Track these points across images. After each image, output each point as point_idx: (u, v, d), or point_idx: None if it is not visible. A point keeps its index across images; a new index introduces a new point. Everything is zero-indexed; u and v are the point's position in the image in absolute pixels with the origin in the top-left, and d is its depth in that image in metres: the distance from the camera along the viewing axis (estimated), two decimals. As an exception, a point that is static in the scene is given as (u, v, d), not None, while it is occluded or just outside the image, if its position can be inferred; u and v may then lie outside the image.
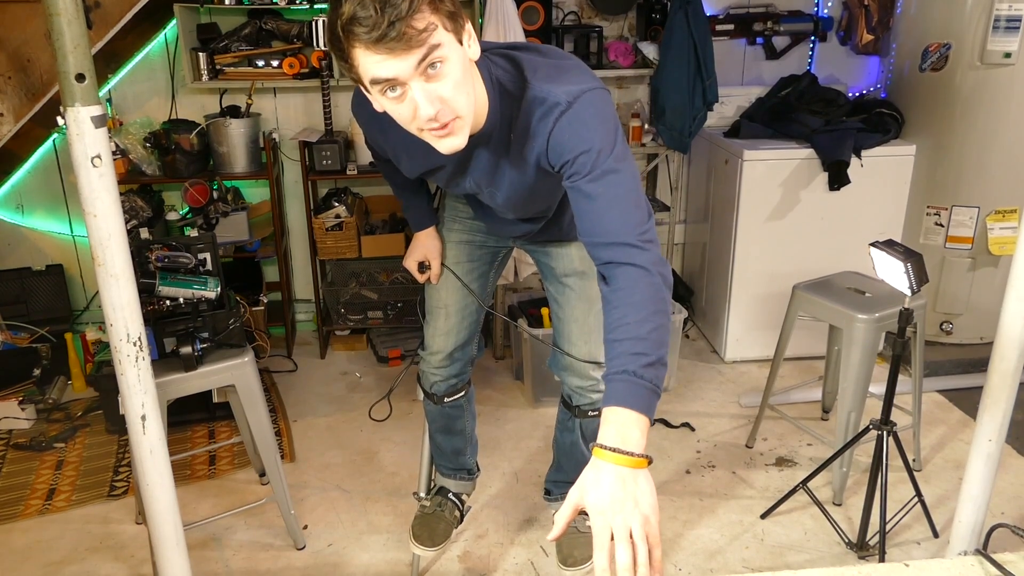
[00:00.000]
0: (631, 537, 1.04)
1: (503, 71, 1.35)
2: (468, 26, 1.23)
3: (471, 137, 1.31)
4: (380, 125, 1.48)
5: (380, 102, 1.23)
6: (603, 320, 1.24)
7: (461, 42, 1.20)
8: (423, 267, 1.92)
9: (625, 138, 1.36)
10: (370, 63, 1.14)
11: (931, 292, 3.29)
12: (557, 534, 1.09)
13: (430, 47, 1.13)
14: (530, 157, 1.38)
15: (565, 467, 2.07)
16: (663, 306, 1.20)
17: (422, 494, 2.19)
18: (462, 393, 2.02)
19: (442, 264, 1.89)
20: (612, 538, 1.04)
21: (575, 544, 2.02)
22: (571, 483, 2.02)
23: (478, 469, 2.23)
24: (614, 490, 1.07)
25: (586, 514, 1.18)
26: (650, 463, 1.10)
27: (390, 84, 1.16)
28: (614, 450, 1.09)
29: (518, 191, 1.49)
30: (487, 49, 1.37)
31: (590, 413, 1.90)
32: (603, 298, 1.25)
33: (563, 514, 1.08)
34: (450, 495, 2.17)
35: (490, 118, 1.36)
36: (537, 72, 1.34)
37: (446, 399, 2.00)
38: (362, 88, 1.24)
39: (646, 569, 1.01)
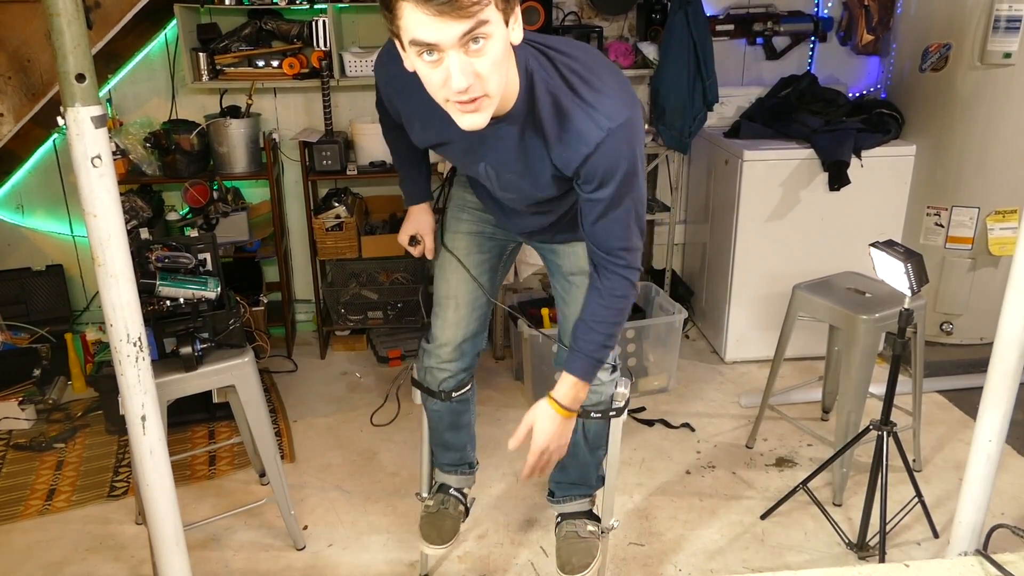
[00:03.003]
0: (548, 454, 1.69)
1: (539, 65, 1.37)
2: (517, 10, 1.25)
3: (493, 119, 1.32)
4: (402, 86, 1.47)
5: (413, 62, 1.23)
6: (582, 302, 1.62)
7: (507, 23, 1.22)
8: (414, 241, 1.91)
9: (644, 160, 1.49)
10: (416, 23, 1.14)
11: (931, 292, 3.29)
12: (516, 444, 1.63)
13: (479, 21, 1.15)
14: (553, 158, 1.43)
15: (568, 467, 2.05)
16: (627, 314, 1.64)
17: (424, 493, 2.18)
18: (469, 386, 2.01)
19: (451, 252, 1.86)
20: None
21: (574, 551, 2.00)
22: (575, 484, 2.07)
23: (477, 462, 2.22)
24: (556, 429, 1.67)
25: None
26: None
27: (429, 48, 1.17)
28: (565, 408, 1.65)
29: (527, 182, 1.52)
30: (527, 39, 1.37)
31: (592, 414, 1.89)
32: (591, 285, 1.60)
33: (520, 432, 1.65)
34: (451, 491, 2.15)
35: (516, 106, 1.37)
36: (574, 78, 1.36)
37: (455, 394, 1.97)
38: (397, 44, 1.25)
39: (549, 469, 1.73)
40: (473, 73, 1.20)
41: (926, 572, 1.06)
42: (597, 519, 2.08)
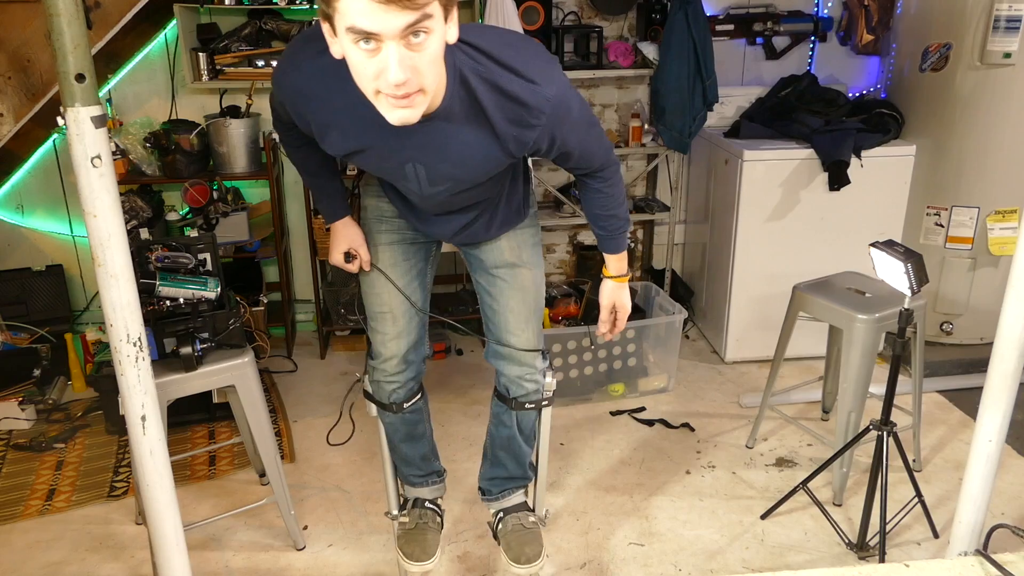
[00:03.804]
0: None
1: (467, 57, 1.37)
2: (455, 10, 1.24)
3: (423, 116, 1.31)
4: (316, 92, 1.42)
5: (345, 49, 1.19)
6: (599, 200, 1.74)
7: (446, 20, 1.21)
8: (349, 257, 1.84)
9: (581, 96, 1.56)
10: (358, 10, 1.11)
11: (931, 292, 3.29)
12: (608, 328, 1.91)
13: (424, 14, 1.13)
14: (502, 141, 1.44)
15: (503, 462, 2.03)
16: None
17: (395, 512, 2.10)
18: (419, 395, 1.97)
19: (376, 267, 1.83)
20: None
21: (524, 541, 1.99)
22: (511, 477, 2.07)
23: (444, 470, 2.16)
24: (624, 295, 1.89)
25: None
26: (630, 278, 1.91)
27: (368, 36, 1.14)
28: (623, 276, 1.87)
29: (465, 170, 1.52)
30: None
31: (527, 405, 1.90)
32: (598, 189, 1.72)
33: (605, 315, 1.89)
34: (427, 504, 2.08)
35: (445, 100, 1.36)
36: (507, 61, 1.37)
37: (406, 404, 1.93)
38: (327, 29, 1.21)
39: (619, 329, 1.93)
40: (411, 67, 1.17)
41: (926, 572, 1.06)
42: (532, 510, 2.09)
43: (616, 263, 1.86)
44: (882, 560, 2.11)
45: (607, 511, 2.47)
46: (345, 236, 1.84)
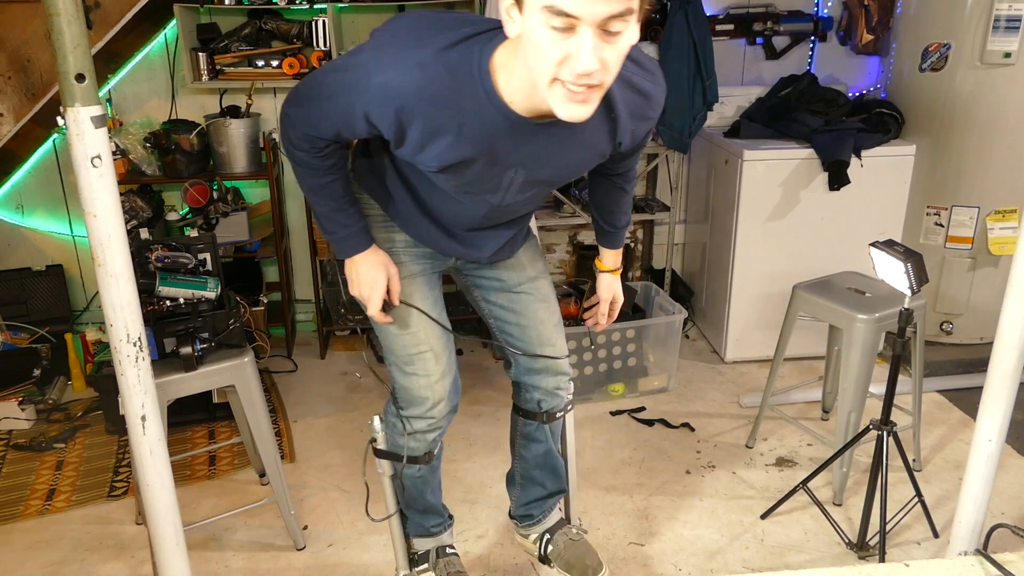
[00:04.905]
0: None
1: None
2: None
3: (547, 118, 1.28)
4: (435, 95, 1.27)
5: (533, 29, 1.12)
6: (620, 199, 1.77)
7: (637, 23, 1.17)
8: (388, 306, 1.62)
9: None
10: None
11: (931, 292, 3.29)
12: (605, 319, 1.93)
13: (628, 8, 1.09)
14: (619, 136, 1.43)
15: (540, 481, 1.98)
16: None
17: (407, 571, 1.95)
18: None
19: (406, 303, 1.65)
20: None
21: (584, 554, 1.94)
22: (550, 495, 2.02)
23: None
24: (619, 287, 1.92)
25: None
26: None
27: (567, 18, 1.08)
28: (617, 270, 1.90)
29: (564, 172, 1.52)
30: None
31: (557, 415, 1.88)
32: (622, 187, 1.74)
33: (605, 307, 1.92)
34: (448, 550, 1.95)
35: None
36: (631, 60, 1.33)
37: (436, 451, 1.79)
38: (507, 6, 1.15)
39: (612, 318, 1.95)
40: (601, 59, 1.11)
41: (926, 572, 1.06)
42: (568, 520, 2.08)
43: (614, 258, 1.91)
44: (882, 560, 2.11)
45: (607, 511, 2.47)
46: (380, 264, 1.60)
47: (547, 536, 2.01)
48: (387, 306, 1.62)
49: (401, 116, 1.30)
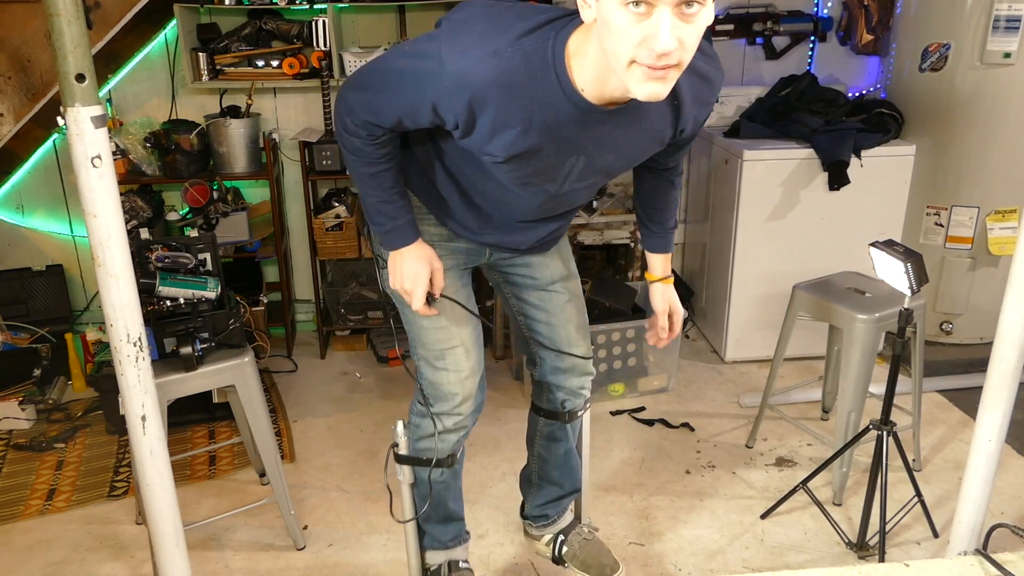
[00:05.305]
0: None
1: None
2: None
3: (622, 102, 1.28)
4: (511, 83, 1.26)
5: (609, 12, 1.12)
6: (670, 195, 1.74)
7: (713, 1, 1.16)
8: (431, 298, 1.60)
9: None
10: None
11: (931, 292, 3.29)
12: (667, 334, 1.81)
13: None
14: (681, 122, 1.42)
15: (558, 481, 1.97)
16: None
17: None
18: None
19: (445, 296, 1.64)
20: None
21: (599, 553, 1.95)
22: (566, 495, 1.99)
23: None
24: (676, 296, 1.81)
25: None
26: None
27: (644, 1, 1.09)
28: (668, 278, 1.80)
29: (625, 159, 1.48)
30: None
31: (578, 413, 1.87)
32: (672, 181, 1.71)
33: (663, 320, 1.79)
34: (462, 564, 1.91)
35: None
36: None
37: (459, 454, 1.77)
38: None
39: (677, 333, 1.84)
40: (679, 39, 1.11)
41: (926, 572, 1.06)
42: (579, 520, 2.07)
43: (664, 264, 1.80)
44: (882, 560, 2.11)
45: (607, 511, 2.47)
46: (425, 258, 1.57)
47: (561, 537, 2.01)
48: (429, 298, 1.61)
49: (473, 105, 1.28)
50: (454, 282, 1.66)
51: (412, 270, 1.57)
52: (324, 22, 3.13)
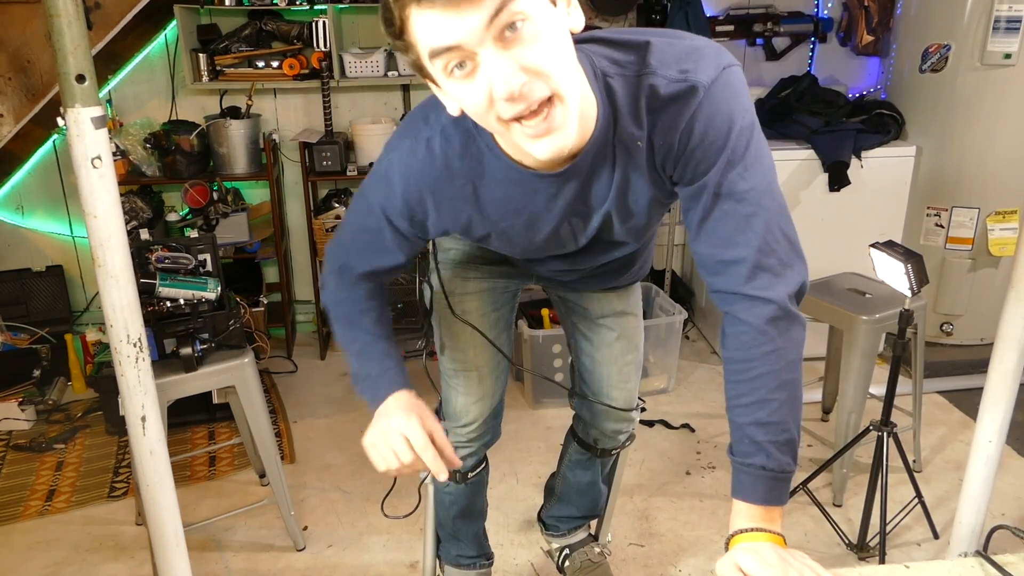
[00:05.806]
0: None
1: (608, 61, 1.04)
2: None
3: (582, 154, 1.02)
4: (457, 174, 1.11)
5: (450, 91, 0.94)
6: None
7: (555, 3, 0.93)
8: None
9: (758, 127, 1.14)
10: (429, 29, 0.87)
11: (931, 293, 3.29)
12: None
13: (502, 0, 0.86)
14: (656, 161, 1.08)
15: (575, 503, 1.93)
16: (789, 373, 1.12)
17: None
18: (484, 464, 1.74)
19: (465, 321, 1.53)
20: None
21: None
22: (582, 517, 1.95)
23: (493, 553, 1.97)
24: (778, 557, 1.06)
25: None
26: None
27: (455, 55, 0.88)
28: (768, 532, 1.08)
29: (626, 221, 1.18)
30: (586, 40, 1.06)
31: (613, 452, 1.78)
32: (760, 331, 1.14)
33: None
34: None
35: (599, 126, 1.03)
36: (663, 55, 1.03)
37: (470, 474, 1.70)
38: (431, 84, 0.96)
39: None
40: (521, 68, 0.88)
41: (926, 573, 1.06)
42: (595, 538, 2.05)
43: (750, 515, 1.10)
44: (882, 561, 2.11)
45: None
46: (417, 406, 1.32)
47: (567, 551, 1.99)
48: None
49: (410, 201, 1.15)
50: (483, 304, 1.55)
51: (416, 421, 1.30)
52: (324, 23, 3.14)
